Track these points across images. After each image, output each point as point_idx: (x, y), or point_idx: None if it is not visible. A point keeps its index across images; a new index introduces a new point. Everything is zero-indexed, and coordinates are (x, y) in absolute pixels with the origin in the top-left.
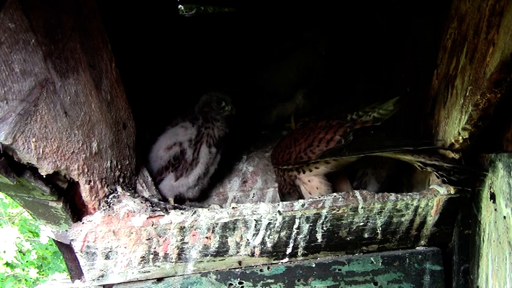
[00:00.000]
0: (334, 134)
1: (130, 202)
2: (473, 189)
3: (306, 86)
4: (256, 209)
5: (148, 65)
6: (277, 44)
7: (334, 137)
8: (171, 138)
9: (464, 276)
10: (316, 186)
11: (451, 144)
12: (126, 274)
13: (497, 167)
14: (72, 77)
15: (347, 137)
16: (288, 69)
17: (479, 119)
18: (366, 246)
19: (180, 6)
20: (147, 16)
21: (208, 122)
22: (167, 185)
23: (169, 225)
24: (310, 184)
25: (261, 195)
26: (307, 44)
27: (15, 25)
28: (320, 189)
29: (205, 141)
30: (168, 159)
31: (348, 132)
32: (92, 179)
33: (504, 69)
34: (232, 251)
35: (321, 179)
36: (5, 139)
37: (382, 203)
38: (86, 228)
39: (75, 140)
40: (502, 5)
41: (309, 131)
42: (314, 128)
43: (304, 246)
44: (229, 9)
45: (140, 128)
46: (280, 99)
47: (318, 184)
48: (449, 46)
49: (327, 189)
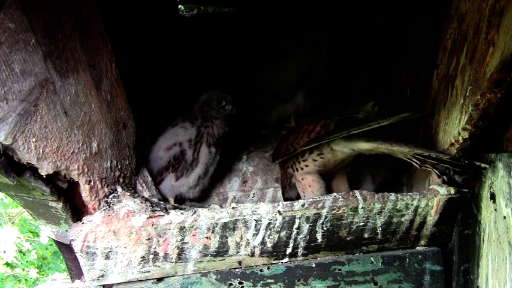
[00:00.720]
0: (315, 126)
1: (130, 202)
2: (473, 189)
3: (306, 86)
4: (256, 209)
5: (149, 65)
6: (277, 44)
7: (315, 128)
8: (170, 138)
9: (464, 276)
10: (309, 185)
11: (451, 144)
12: (126, 274)
13: (497, 167)
14: (72, 77)
15: (327, 128)
16: (288, 69)
17: (479, 119)
18: (366, 246)
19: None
20: (147, 16)
21: (207, 121)
22: (167, 185)
23: (169, 225)
24: (303, 182)
25: (261, 195)
26: (308, 44)
27: (15, 25)
28: (312, 187)
29: (205, 141)
30: (168, 160)
31: (328, 124)
32: (92, 179)
33: (504, 69)
34: (232, 251)
35: (314, 177)
36: (5, 139)
37: (382, 203)
38: (86, 228)
39: (75, 140)
40: (502, 5)
41: (297, 127)
42: (302, 124)
43: (304, 246)
44: (229, 9)
45: (140, 128)
46: (281, 99)
47: (311, 182)
48: (449, 46)
49: (319, 187)
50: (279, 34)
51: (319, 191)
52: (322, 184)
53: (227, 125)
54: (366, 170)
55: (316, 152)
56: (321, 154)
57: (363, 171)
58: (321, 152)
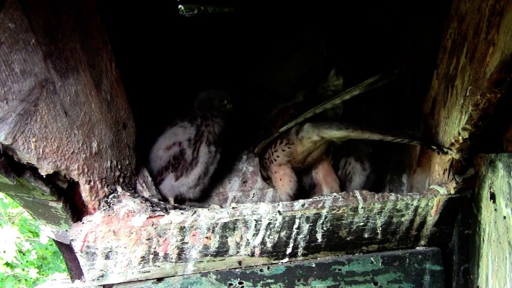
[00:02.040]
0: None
1: (130, 202)
2: (473, 189)
3: (307, 86)
4: (256, 209)
5: (149, 65)
6: (277, 44)
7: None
8: (170, 138)
9: (464, 276)
10: (280, 178)
11: (451, 144)
12: (126, 274)
13: (497, 167)
14: (72, 77)
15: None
16: (288, 69)
17: (479, 119)
18: (366, 246)
19: (180, 6)
20: (147, 16)
21: (207, 119)
22: (167, 185)
23: (169, 225)
24: (275, 176)
25: (261, 195)
26: (308, 44)
27: (15, 25)
28: (283, 181)
29: (204, 140)
30: (168, 160)
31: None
32: (92, 179)
33: (504, 69)
34: (232, 251)
35: (285, 171)
36: (5, 139)
37: (382, 203)
38: (86, 228)
39: (75, 140)
40: (502, 5)
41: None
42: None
43: (304, 246)
44: (229, 9)
45: (140, 128)
46: (281, 99)
47: (282, 176)
48: (449, 46)
49: (289, 181)
50: (279, 34)
51: (289, 185)
52: (292, 178)
53: (226, 123)
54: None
55: (285, 141)
56: (288, 144)
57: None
58: (288, 141)
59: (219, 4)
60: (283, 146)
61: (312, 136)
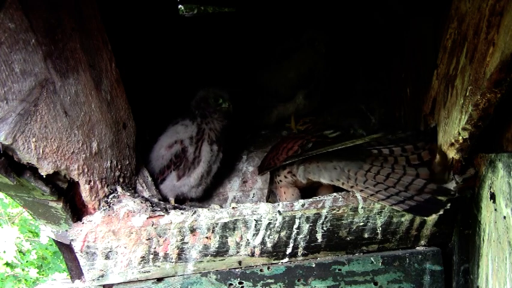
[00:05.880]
0: (294, 144)
1: (130, 202)
2: (473, 189)
3: (307, 86)
4: (256, 209)
5: (149, 65)
6: (277, 44)
7: (293, 147)
8: (171, 136)
9: (464, 276)
10: (284, 192)
11: (451, 144)
12: (126, 274)
13: (497, 167)
14: (72, 77)
15: (304, 147)
16: (288, 69)
17: (479, 119)
18: (366, 246)
19: (180, 6)
20: (147, 16)
21: (206, 117)
22: (169, 184)
23: (169, 225)
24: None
25: (261, 195)
26: (308, 44)
27: (15, 25)
28: (287, 194)
29: (206, 138)
30: (170, 158)
31: (305, 144)
32: (92, 179)
33: (504, 69)
34: (232, 251)
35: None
36: (5, 139)
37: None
38: (86, 228)
39: (75, 140)
40: (502, 5)
41: (279, 143)
42: (286, 140)
43: (304, 246)
44: (229, 9)
45: (140, 128)
46: (281, 99)
47: (286, 190)
48: (449, 46)
49: (292, 194)
50: (279, 34)
51: (291, 199)
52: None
53: (225, 122)
54: None
55: (287, 170)
56: (290, 173)
57: None
58: (290, 171)
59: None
60: (286, 174)
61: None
